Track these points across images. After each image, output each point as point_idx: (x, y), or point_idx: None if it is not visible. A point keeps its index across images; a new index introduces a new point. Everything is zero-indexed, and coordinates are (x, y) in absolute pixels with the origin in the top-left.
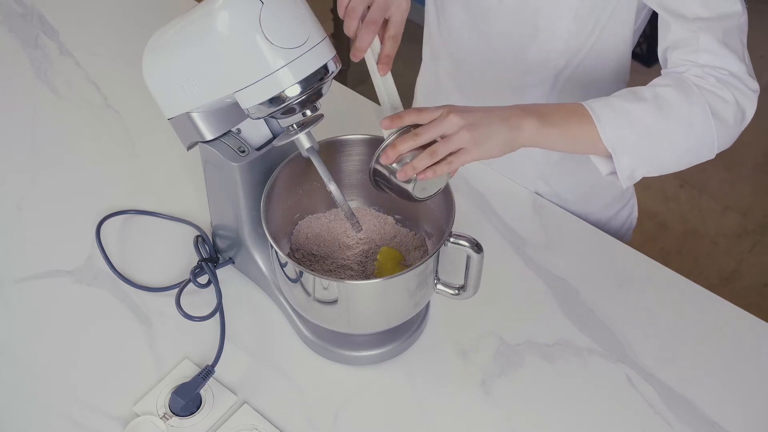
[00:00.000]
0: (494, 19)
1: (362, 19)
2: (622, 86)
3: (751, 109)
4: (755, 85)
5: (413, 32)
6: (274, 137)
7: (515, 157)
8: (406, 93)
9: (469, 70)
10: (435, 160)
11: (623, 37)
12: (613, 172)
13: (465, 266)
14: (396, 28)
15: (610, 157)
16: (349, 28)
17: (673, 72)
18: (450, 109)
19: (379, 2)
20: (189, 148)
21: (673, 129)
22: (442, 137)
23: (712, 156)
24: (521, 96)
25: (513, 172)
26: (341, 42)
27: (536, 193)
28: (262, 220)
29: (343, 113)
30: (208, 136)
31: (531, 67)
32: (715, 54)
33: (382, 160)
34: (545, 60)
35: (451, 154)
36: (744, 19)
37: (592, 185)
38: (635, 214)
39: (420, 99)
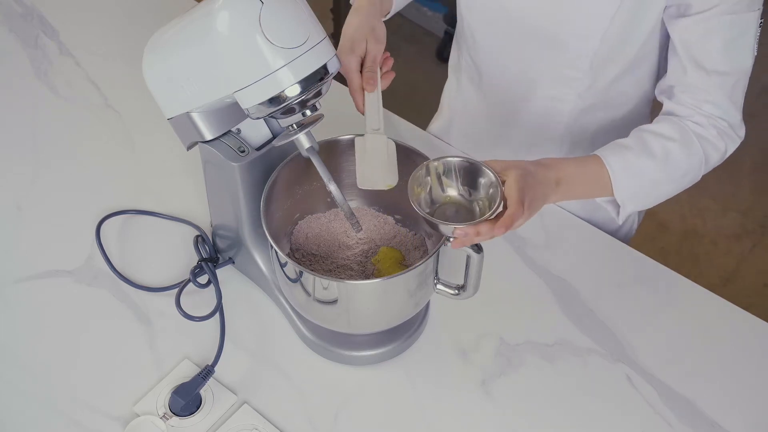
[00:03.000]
0: (522, 33)
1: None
2: (644, 109)
3: (731, 151)
4: (743, 133)
5: (415, 35)
6: (274, 137)
7: (540, 144)
8: (407, 92)
9: (494, 83)
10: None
11: (649, 68)
12: (610, 201)
13: (465, 266)
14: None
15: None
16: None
17: (676, 118)
18: (519, 202)
19: (371, 57)
20: (189, 148)
21: (673, 181)
22: None
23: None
24: (547, 114)
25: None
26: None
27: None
28: (262, 220)
29: (343, 113)
30: (208, 136)
31: (557, 83)
32: (721, 107)
33: (454, 245)
34: (570, 79)
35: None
36: (749, 70)
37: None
38: (635, 225)
39: (445, 106)
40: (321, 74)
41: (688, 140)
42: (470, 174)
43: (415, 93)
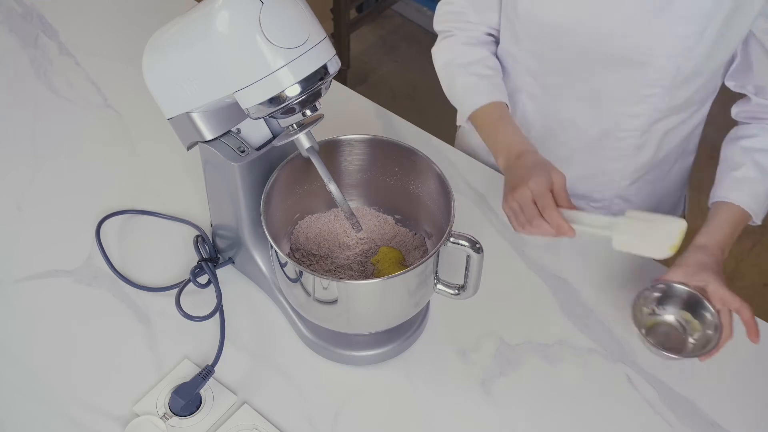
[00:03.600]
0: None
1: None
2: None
3: None
4: None
5: (416, 35)
6: (274, 137)
7: (597, 180)
8: (407, 92)
9: (559, 104)
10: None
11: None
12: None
13: (465, 266)
14: (542, 200)
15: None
16: (540, 228)
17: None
18: (745, 306)
19: (539, 192)
20: (189, 148)
21: None
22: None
23: None
24: (615, 128)
25: (593, 192)
26: (341, 42)
27: (611, 213)
28: (262, 220)
29: (343, 113)
30: (208, 136)
31: (629, 98)
32: None
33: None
34: (647, 95)
35: None
36: None
37: (661, 195)
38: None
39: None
40: (321, 74)
41: None
42: (688, 300)
43: (415, 93)
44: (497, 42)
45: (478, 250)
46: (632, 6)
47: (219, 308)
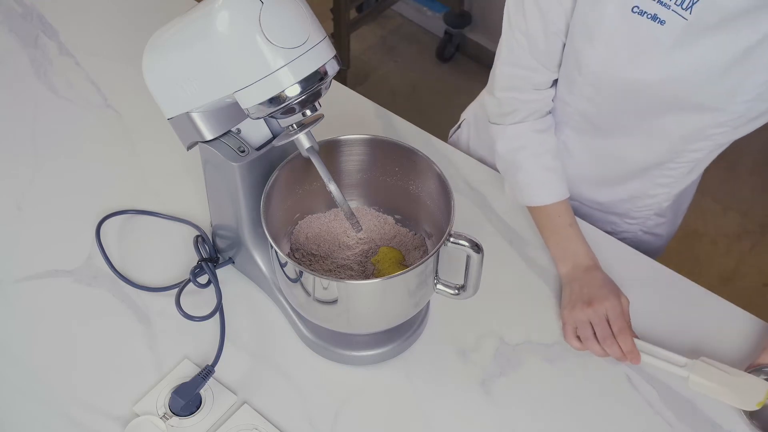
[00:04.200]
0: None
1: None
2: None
3: None
4: None
5: (416, 35)
6: (274, 137)
7: (641, 202)
8: (407, 92)
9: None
10: None
11: None
12: None
13: (465, 266)
14: (619, 322)
15: None
16: (611, 348)
17: None
18: None
19: (615, 314)
20: (189, 148)
21: None
22: None
23: None
24: (672, 160)
25: (631, 211)
26: (341, 42)
27: (642, 229)
28: (262, 220)
29: (343, 113)
30: (208, 136)
31: (689, 139)
32: None
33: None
34: (712, 134)
35: None
36: None
37: (680, 203)
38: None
39: None
40: (321, 74)
41: None
42: None
43: (415, 93)
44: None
45: (478, 250)
46: (708, 62)
47: (219, 308)
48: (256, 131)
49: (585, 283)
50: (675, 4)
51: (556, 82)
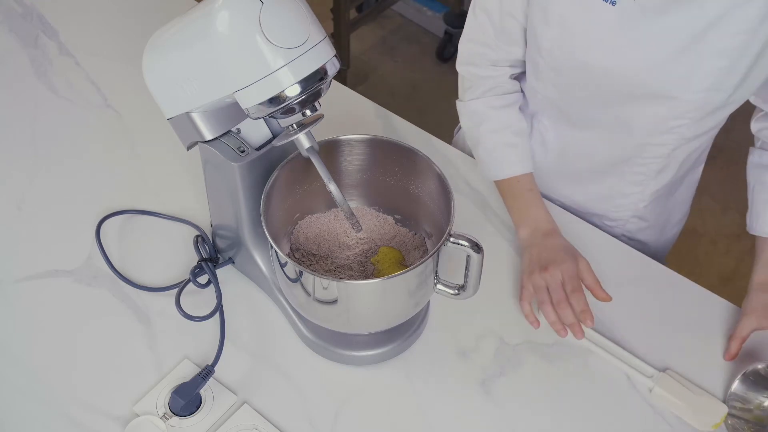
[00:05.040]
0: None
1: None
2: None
3: None
4: None
5: (416, 35)
6: (274, 137)
7: (614, 202)
8: (407, 92)
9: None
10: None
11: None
12: None
13: (465, 266)
14: (572, 283)
15: None
16: (564, 311)
17: None
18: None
19: (569, 276)
20: (189, 148)
21: None
22: None
23: None
24: (640, 155)
25: (609, 212)
26: (341, 42)
27: (625, 234)
28: (262, 220)
29: (343, 113)
30: (208, 136)
31: (653, 131)
32: None
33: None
34: (674, 126)
35: None
36: None
37: (671, 209)
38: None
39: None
40: (321, 74)
41: None
42: None
43: (415, 93)
44: (521, 77)
45: (478, 250)
46: (659, 45)
47: (219, 308)
48: (256, 131)
49: (543, 249)
50: None
51: (520, 66)
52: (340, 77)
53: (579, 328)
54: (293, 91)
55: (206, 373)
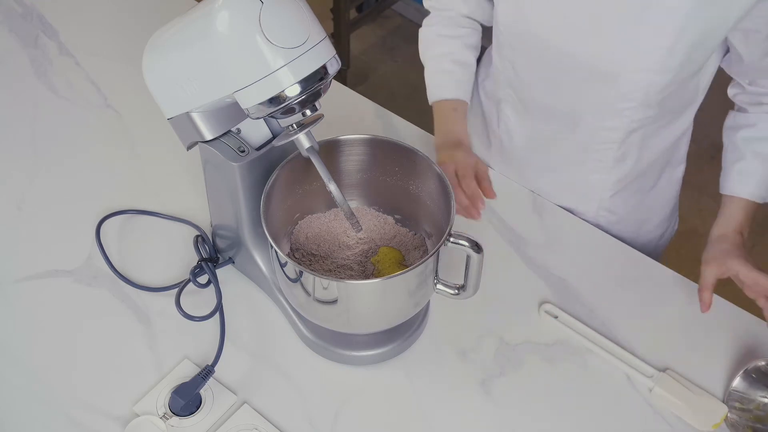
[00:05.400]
0: (568, 65)
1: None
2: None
3: None
4: None
5: (416, 35)
6: (274, 137)
7: (580, 191)
8: (407, 92)
9: (538, 113)
10: None
11: (704, 84)
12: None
13: (465, 266)
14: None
15: None
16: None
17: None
18: (741, 260)
19: (463, 166)
20: (189, 148)
21: None
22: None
23: None
24: (595, 141)
25: (577, 204)
26: (341, 42)
27: (597, 225)
28: (262, 220)
29: (343, 113)
30: (208, 136)
31: (606, 112)
32: None
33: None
34: (622, 109)
35: None
36: None
37: (650, 206)
38: (676, 225)
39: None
40: (321, 74)
41: None
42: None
43: (415, 93)
44: (478, 29)
45: (478, 250)
46: (605, 15)
47: (219, 308)
48: (256, 131)
49: (446, 151)
50: None
51: (480, 18)
52: (340, 77)
53: (474, 210)
54: (293, 91)
55: (206, 373)
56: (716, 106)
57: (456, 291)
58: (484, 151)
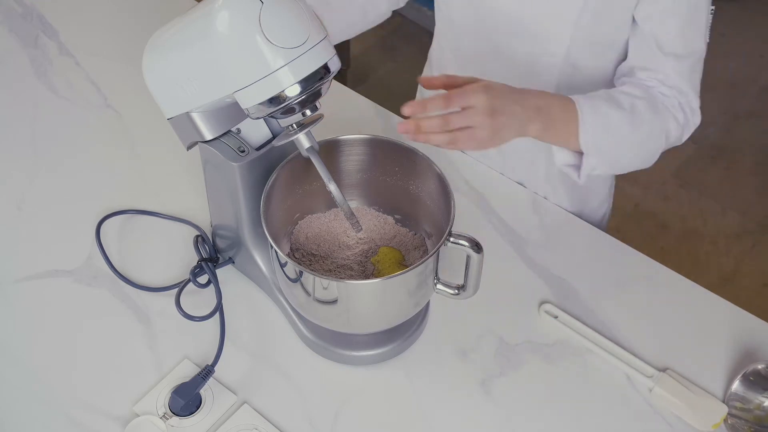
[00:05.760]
0: (499, 21)
1: None
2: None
3: (687, 136)
4: (699, 120)
5: (416, 35)
6: (274, 137)
7: (523, 162)
8: (407, 92)
9: (473, 70)
10: (444, 129)
11: (623, 42)
12: (572, 165)
13: (465, 266)
14: None
15: (574, 151)
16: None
17: (643, 84)
18: (483, 86)
19: None
20: (189, 148)
21: (637, 140)
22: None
23: (646, 167)
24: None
25: (520, 176)
26: (341, 42)
27: (544, 196)
28: (262, 220)
29: (343, 113)
30: (208, 136)
31: (534, 68)
32: (679, 88)
33: (406, 111)
34: (548, 65)
35: (460, 130)
36: (704, 54)
37: (589, 188)
38: (610, 204)
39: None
40: (321, 74)
41: (653, 101)
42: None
43: (415, 93)
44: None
45: (478, 250)
46: None
47: (219, 308)
48: (256, 131)
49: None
50: None
51: None
52: (340, 77)
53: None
54: (293, 91)
55: (206, 373)
56: (716, 107)
57: (456, 291)
58: None
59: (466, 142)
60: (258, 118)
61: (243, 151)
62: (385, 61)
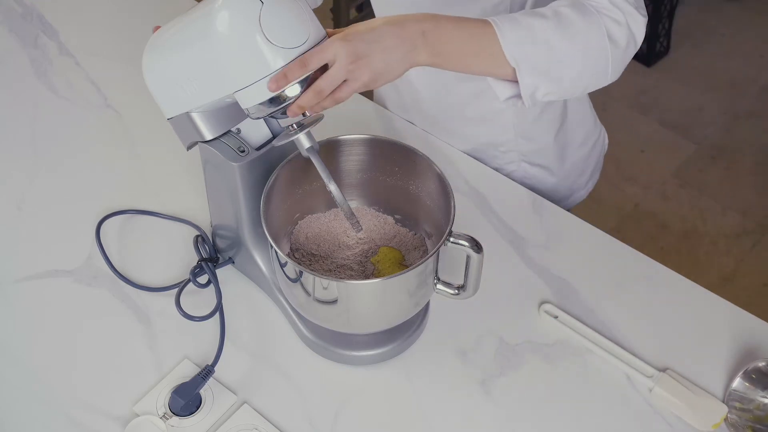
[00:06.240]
0: None
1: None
2: None
3: (640, 34)
4: (645, 12)
5: None
6: (274, 137)
7: (492, 118)
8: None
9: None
10: (321, 98)
11: None
12: (515, 96)
13: (465, 266)
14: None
15: (510, 80)
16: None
17: None
18: (338, 36)
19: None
20: (189, 148)
21: (572, 47)
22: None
23: (607, 82)
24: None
25: (492, 132)
26: None
27: (523, 161)
28: (262, 220)
29: (343, 113)
30: (208, 136)
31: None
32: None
33: (270, 87)
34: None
35: (339, 88)
36: None
37: (569, 135)
38: (606, 143)
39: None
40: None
41: (583, 9)
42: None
43: None
44: None
45: (478, 250)
46: None
47: (219, 308)
48: (256, 131)
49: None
50: None
51: None
52: None
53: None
54: (293, 90)
55: (206, 373)
56: (716, 107)
57: (456, 291)
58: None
59: (349, 93)
60: (258, 118)
61: (243, 151)
62: None
